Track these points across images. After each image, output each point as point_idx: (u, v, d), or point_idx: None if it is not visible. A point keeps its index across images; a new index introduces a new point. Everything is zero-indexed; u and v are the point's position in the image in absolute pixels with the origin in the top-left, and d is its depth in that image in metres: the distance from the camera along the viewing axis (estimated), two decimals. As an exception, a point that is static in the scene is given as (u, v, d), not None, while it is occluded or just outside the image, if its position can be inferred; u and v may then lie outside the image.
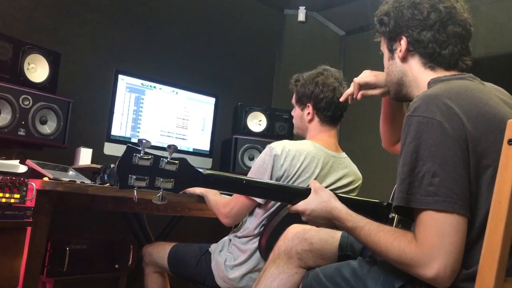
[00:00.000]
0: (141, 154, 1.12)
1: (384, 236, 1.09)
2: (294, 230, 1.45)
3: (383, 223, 1.16)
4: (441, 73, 1.23)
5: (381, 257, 1.11)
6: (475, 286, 0.89)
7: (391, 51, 1.32)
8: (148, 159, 1.13)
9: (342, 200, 1.29)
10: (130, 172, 1.12)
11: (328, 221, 1.28)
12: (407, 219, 1.16)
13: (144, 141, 1.12)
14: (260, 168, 1.82)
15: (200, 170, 1.21)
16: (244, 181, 1.31)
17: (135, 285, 2.50)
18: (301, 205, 1.31)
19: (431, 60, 1.24)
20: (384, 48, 1.36)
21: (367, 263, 1.23)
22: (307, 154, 1.85)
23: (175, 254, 2.01)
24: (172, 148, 1.16)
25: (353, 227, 1.18)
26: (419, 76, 1.26)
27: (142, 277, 2.18)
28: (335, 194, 1.31)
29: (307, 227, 1.45)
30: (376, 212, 1.33)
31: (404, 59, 1.28)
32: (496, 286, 0.87)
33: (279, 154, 1.81)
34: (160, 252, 2.05)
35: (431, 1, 1.24)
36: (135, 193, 1.16)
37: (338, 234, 1.42)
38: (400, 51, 1.28)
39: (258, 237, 1.85)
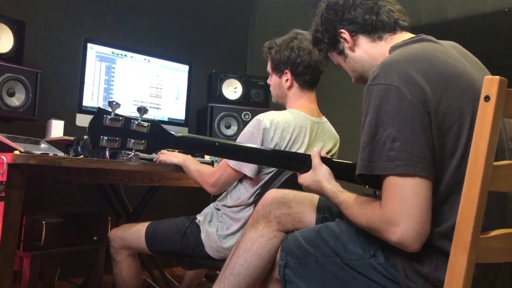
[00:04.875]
0: (112, 116, 1.15)
1: (356, 207, 1.13)
2: (273, 195, 1.46)
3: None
4: (392, 40, 1.26)
5: (358, 226, 1.15)
6: (452, 242, 0.91)
7: (342, 52, 1.34)
8: (119, 120, 1.16)
9: (336, 165, 1.32)
10: (101, 133, 1.14)
11: (321, 195, 1.33)
12: (371, 188, 1.20)
13: (114, 103, 1.14)
14: (248, 141, 1.79)
15: (172, 132, 1.23)
16: (216, 143, 1.32)
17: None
18: (300, 178, 1.35)
19: (375, 31, 1.27)
20: (337, 58, 1.38)
21: (346, 224, 1.24)
22: (296, 125, 1.84)
23: (153, 232, 1.94)
24: (143, 110, 1.18)
25: (338, 202, 1.22)
26: (374, 51, 1.28)
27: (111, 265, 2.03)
28: (329, 159, 1.34)
29: (285, 191, 1.46)
30: None
31: (354, 47, 1.31)
32: (473, 241, 0.88)
33: (269, 127, 1.78)
34: (134, 233, 1.96)
35: None
36: (107, 153, 1.20)
37: (316, 197, 1.43)
38: (347, 42, 1.31)
39: (253, 205, 1.83)
